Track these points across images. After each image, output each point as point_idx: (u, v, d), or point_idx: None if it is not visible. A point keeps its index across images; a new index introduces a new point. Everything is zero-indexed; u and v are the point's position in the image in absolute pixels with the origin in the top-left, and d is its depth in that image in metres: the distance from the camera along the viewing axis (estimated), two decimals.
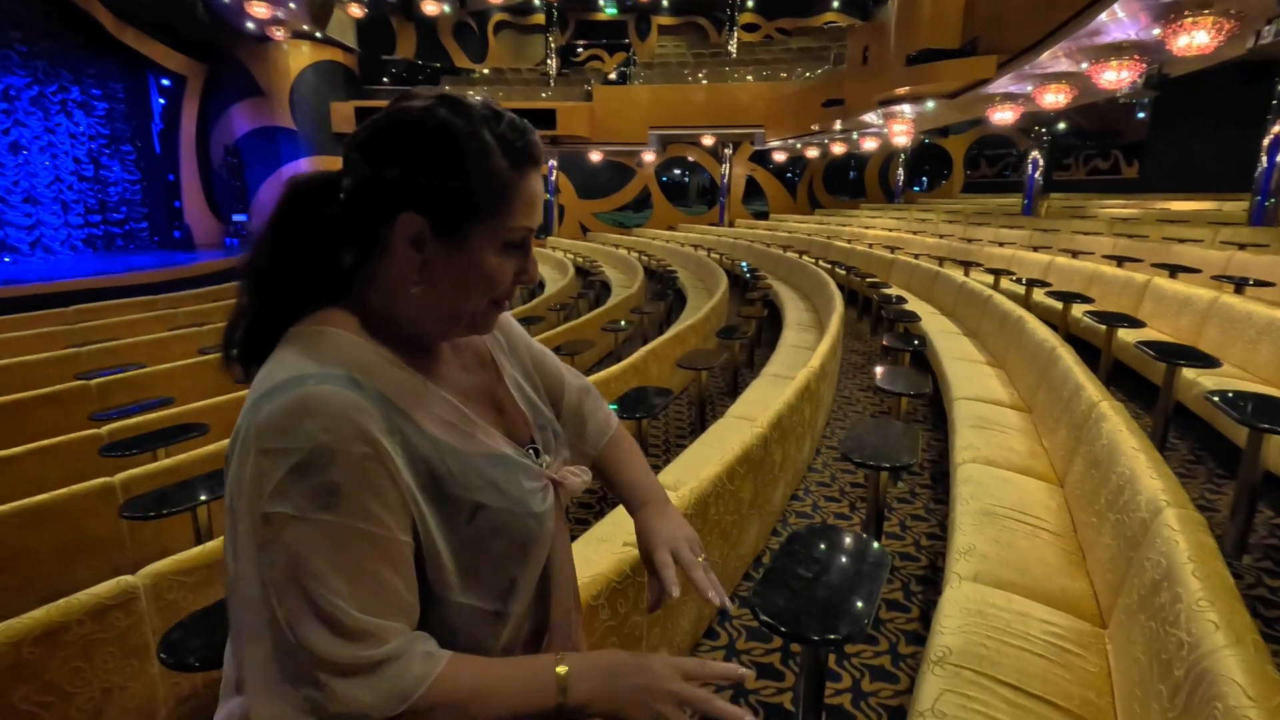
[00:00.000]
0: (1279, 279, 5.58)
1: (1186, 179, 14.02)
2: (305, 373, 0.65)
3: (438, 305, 0.72)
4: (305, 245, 0.72)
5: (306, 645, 0.59)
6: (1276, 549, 2.92)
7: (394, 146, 0.68)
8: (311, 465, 0.61)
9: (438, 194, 0.67)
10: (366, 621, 0.61)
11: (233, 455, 0.65)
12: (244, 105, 18.62)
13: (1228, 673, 1.17)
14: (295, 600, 0.60)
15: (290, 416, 0.62)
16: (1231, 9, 5.78)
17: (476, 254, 0.70)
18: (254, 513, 0.61)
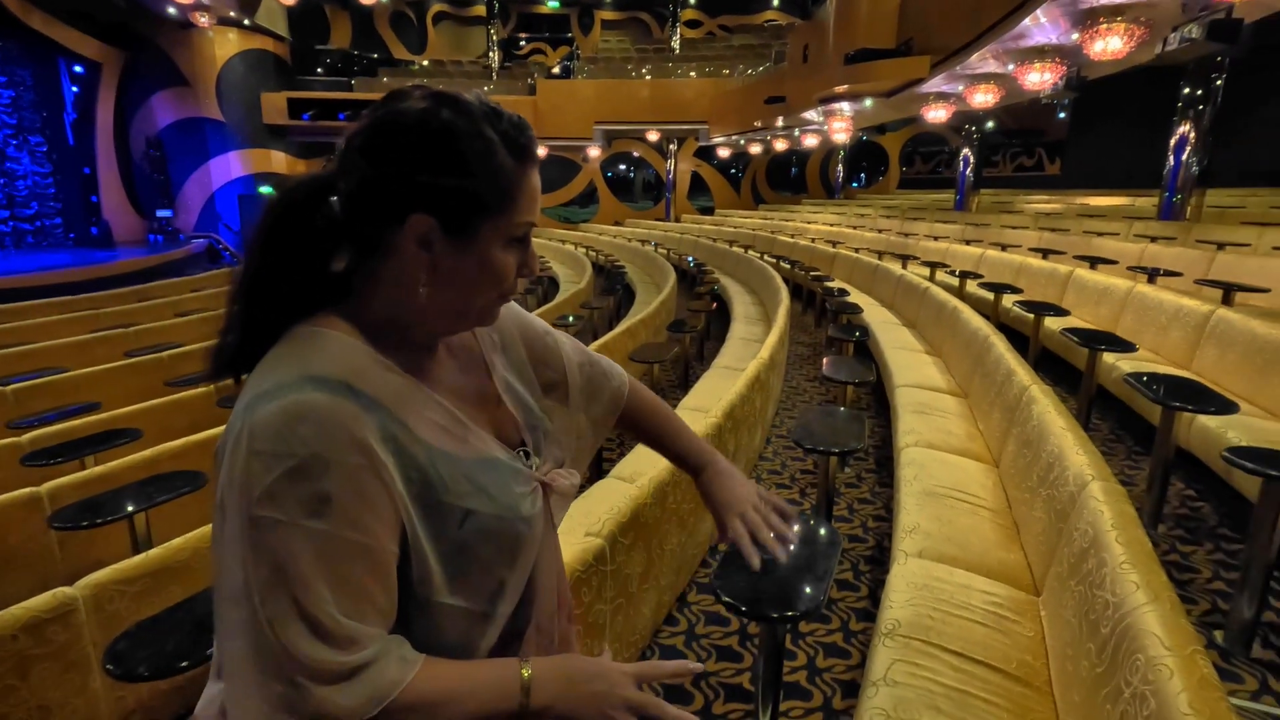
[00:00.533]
0: (1186, 269, 6.00)
1: (1103, 175, 14.87)
2: (303, 377, 0.64)
3: (446, 303, 0.72)
4: (299, 251, 0.71)
5: (287, 646, 0.60)
6: (1187, 518, 3.16)
7: (400, 148, 0.67)
8: (304, 473, 0.61)
9: (447, 194, 0.68)
10: (348, 626, 0.62)
11: (225, 451, 0.65)
12: (166, 95, 17.66)
13: (1148, 627, 1.28)
14: (279, 602, 0.60)
15: (286, 422, 0.61)
16: (1141, 17, 6.17)
17: (485, 251, 0.71)
18: (243, 513, 0.61)
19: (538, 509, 0.79)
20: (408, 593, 0.68)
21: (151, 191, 18.18)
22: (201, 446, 3.36)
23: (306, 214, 0.71)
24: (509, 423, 0.84)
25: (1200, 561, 2.81)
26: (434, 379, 0.76)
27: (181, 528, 2.35)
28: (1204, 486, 3.42)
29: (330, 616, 0.61)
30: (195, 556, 2.20)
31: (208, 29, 16.87)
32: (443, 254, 0.69)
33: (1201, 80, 7.45)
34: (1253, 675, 2.15)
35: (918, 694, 1.59)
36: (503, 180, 0.70)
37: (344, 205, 0.70)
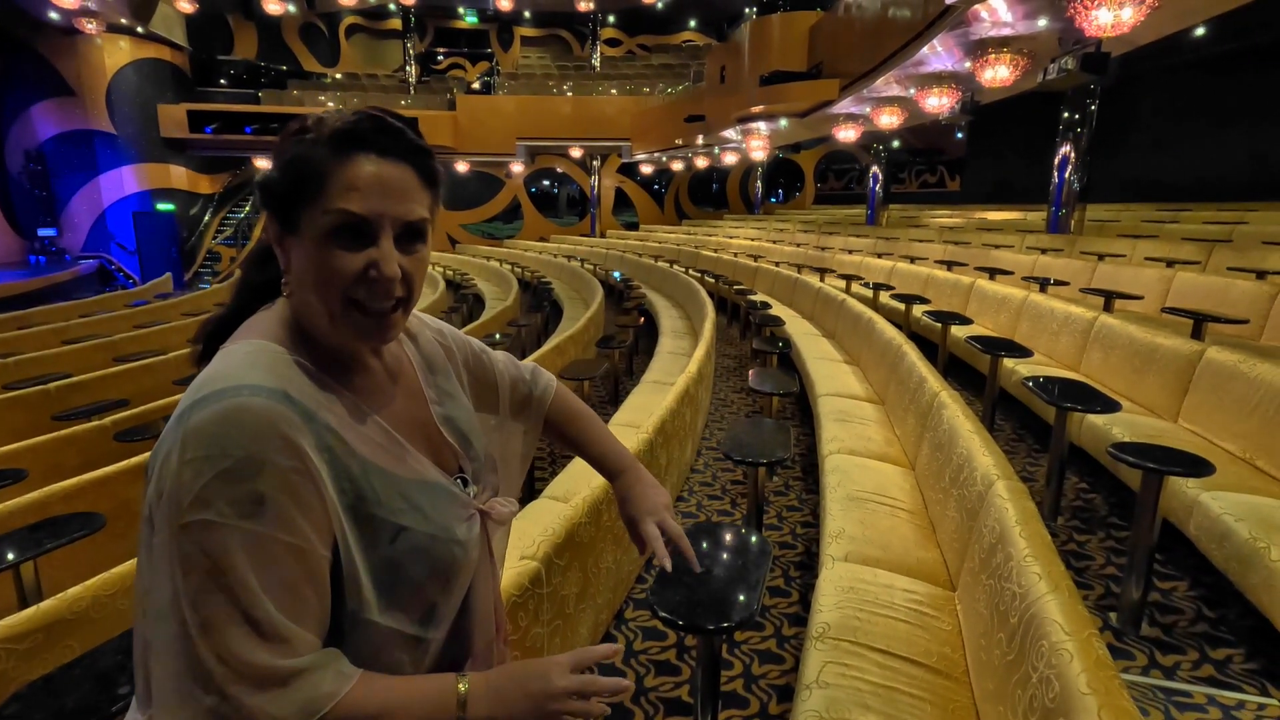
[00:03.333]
0: (1072, 279, 6.53)
1: (998, 191, 16.00)
2: (239, 384, 0.64)
3: (308, 305, 0.71)
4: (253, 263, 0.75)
5: (221, 652, 0.59)
6: (1082, 509, 3.43)
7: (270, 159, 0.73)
8: (238, 474, 0.61)
9: (269, 185, 0.71)
10: (284, 626, 0.62)
11: (155, 463, 0.64)
12: (48, 105, 16.36)
13: (1050, 615, 1.39)
14: (213, 604, 0.59)
15: (220, 425, 0.62)
16: (1024, 49, 6.73)
17: (310, 243, 0.69)
18: (174, 521, 0.60)
19: (474, 535, 0.80)
20: (341, 610, 0.68)
21: (32, 209, 16.77)
22: (97, 485, 3.11)
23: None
24: (447, 451, 0.85)
25: (1094, 549, 3.04)
26: (375, 401, 0.77)
27: (76, 575, 2.17)
28: (1095, 479, 3.72)
29: (267, 614, 0.61)
30: (94, 606, 2.04)
31: (95, 36, 15.77)
32: (289, 250, 0.71)
33: (1078, 106, 8.17)
34: (1142, 652, 2.34)
35: (848, 694, 1.66)
36: (312, 168, 0.69)
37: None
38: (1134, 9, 4.92)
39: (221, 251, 18.99)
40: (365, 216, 0.68)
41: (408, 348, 0.87)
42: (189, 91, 18.15)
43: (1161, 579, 2.77)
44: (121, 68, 16.60)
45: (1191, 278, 5.54)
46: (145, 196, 17.29)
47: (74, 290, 14.43)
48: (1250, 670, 2.24)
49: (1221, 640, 2.40)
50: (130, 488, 3.25)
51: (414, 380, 0.86)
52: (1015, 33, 6.44)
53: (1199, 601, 2.63)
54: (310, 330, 0.73)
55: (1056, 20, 5.97)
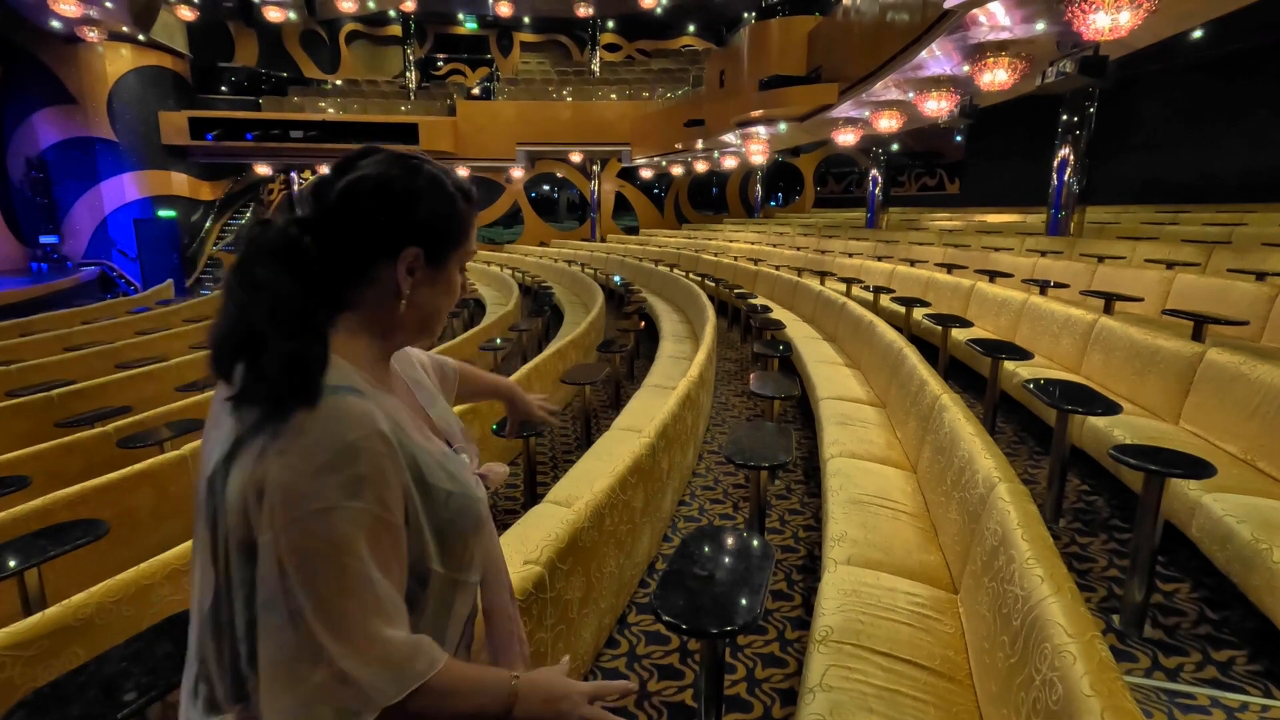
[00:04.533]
0: (1072, 281, 6.54)
1: (998, 194, 16.02)
2: (324, 386, 0.74)
3: (419, 315, 0.88)
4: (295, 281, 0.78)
5: (337, 624, 0.67)
6: (1084, 511, 3.43)
7: (394, 200, 0.83)
8: (340, 462, 0.70)
9: (439, 231, 0.87)
10: (390, 599, 0.72)
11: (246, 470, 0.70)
12: (50, 113, 16.41)
13: (1053, 617, 1.39)
14: (331, 584, 0.68)
15: (316, 421, 0.71)
16: (1022, 53, 6.75)
17: (450, 273, 0.90)
18: (287, 515, 0.68)
19: (484, 493, 0.94)
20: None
21: (34, 216, 16.81)
22: (101, 492, 3.12)
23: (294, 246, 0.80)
24: (437, 431, 0.98)
25: (1097, 551, 3.04)
26: (396, 393, 0.91)
27: (81, 582, 2.18)
28: (1097, 481, 3.72)
29: (377, 588, 0.71)
30: (99, 613, 2.04)
31: (97, 44, 15.84)
32: (421, 277, 0.86)
33: (1077, 109, 8.19)
34: (1145, 654, 2.34)
35: (851, 697, 1.66)
36: (464, 220, 0.90)
37: (329, 245, 0.81)
38: (1131, 12, 4.93)
39: (223, 258, 19.01)
40: (474, 252, 0.94)
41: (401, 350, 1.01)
42: (190, 98, 18.21)
43: (1164, 581, 2.77)
44: (123, 75, 16.66)
45: (1191, 279, 5.55)
46: (147, 203, 17.33)
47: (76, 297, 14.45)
48: (1253, 672, 2.24)
49: (1224, 642, 2.40)
50: (133, 494, 3.26)
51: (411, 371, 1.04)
52: (1013, 36, 6.46)
53: (1202, 603, 2.63)
54: (405, 333, 0.89)
55: (1054, 24, 5.99)
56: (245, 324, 0.75)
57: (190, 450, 3.58)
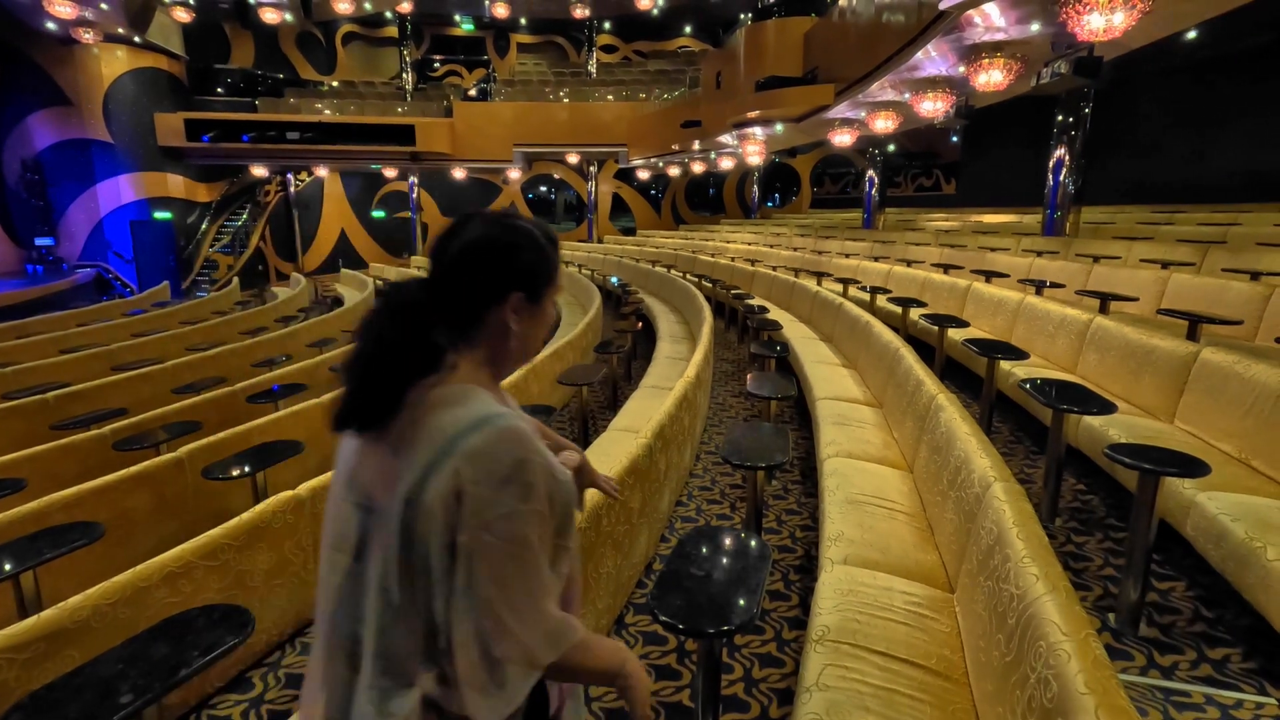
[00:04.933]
0: (1068, 281, 6.55)
1: (994, 194, 16.06)
2: (490, 413, 0.92)
3: (523, 347, 1.06)
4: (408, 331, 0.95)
5: (519, 606, 0.87)
6: (1080, 510, 3.44)
7: (494, 256, 1.00)
8: (515, 474, 0.88)
9: (536, 275, 1.03)
10: (551, 581, 0.94)
11: (433, 483, 0.87)
12: (46, 115, 16.36)
13: (1048, 615, 1.40)
14: (512, 573, 0.87)
15: (495, 443, 0.89)
16: (1017, 53, 6.77)
17: (546, 308, 1.07)
18: (501, 518, 0.87)
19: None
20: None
21: (30, 218, 16.75)
22: (96, 494, 3.12)
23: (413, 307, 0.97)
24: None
25: (1092, 550, 3.05)
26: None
27: (77, 585, 2.18)
28: (1093, 480, 3.73)
29: (546, 574, 0.92)
30: (95, 616, 2.04)
31: (92, 45, 15.80)
32: (525, 315, 1.03)
33: (1072, 109, 8.22)
34: (1141, 652, 2.35)
35: (848, 696, 1.66)
36: (555, 264, 1.07)
37: (452, 294, 0.98)
38: (1125, 14, 4.95)
39: (219, 259, 18.98)
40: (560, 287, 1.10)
41: None
42: (186, 100, 18.17)
43: (1159, 579, 2.78)
44: (118, 77, 16.62)
45: (1186, 279, 5.57)
46: (142, 205, 17.29)
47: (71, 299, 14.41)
48: (1248, 669, 2.25)
49: (1219, 640, 2.41)
50: (129, 497, 3.25)
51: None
52: (1008, 37, 6.47)
53: (1197, 601, 2.64)
54: (514, 362, 1.06)
55: (1049, 25, 6.01)
56: (376, 370, 0.93)
57: (186, 452, 3.58)
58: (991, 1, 5.50)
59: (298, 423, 4.36)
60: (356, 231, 23.00)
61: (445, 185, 22.28)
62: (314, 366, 6.34)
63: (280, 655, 2.64)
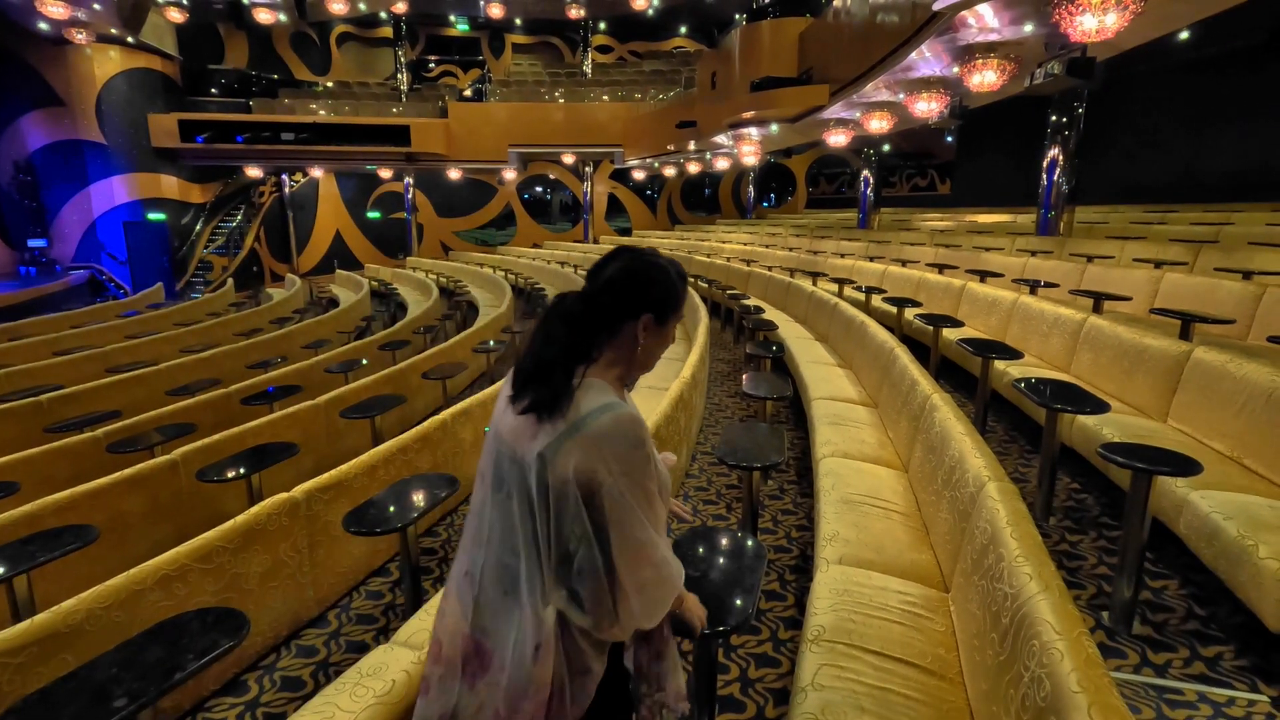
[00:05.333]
0: (1062, 280, 6.58)
1: (988, 194, 16.11)
2: (611, 402, 1.18)
3: (645, 359, 1.31)
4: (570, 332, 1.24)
5: (642, 545, 1.15)
6: (1074, 509, 3.45)
7: (644, 284, 1.26)
8: (636, 448, 1.16)
9: (665, 304, 1.27)
10: (662, 527, 1.21)
11: (560, 459, 1.13)
12: (38, 116, 16.28)
13: (1041, 614, 1.40)
14: (636, 520, 1.14)
15: (619, 424, 1.15)
16: (1011, 54, 6.79)
17: (668, 331, 1.31)
18: (623, 481, 1.13)
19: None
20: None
21: (22, 220, 16.66)
22: (90, 497, 3.10)
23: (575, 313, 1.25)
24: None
25: (1086, 549, 3.07)
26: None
27: (71, 588, 2.17)
28: (1087, 480, 3.75)
29: (659, 521, 1.20)
30: (89, 619, 2.03)
31: (85, 46, 15.72)
32: (651, 333, 1.28)
33: (1066, 109, 8.25)
34: (1134, 650, 2.37)
35: (843, 696, 1.67)
36: (680, 296, 1.31)
37: (600, 308, 1.25)
38: (1118, 14, 4.97)
39: (214, 261, 18.90)
40: (683, 314, 1.36)
41: None
42: (180, 101, 18.09)
43: (1153, 578, 2.79)
44: (111, 78, 16.54)
45: (1179, 278, 5.60)
46: (136, 206, 17.21)
47: (65, 301, 14.34)
48: (1240, 667, 2.26)
49: (1212, 638, 2.42)
50: (123, 499, 3.24)
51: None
52: (1002, 38, 6.49)
53: (1190, 600, 2.65)
54: (637, 369, 1.31)
55: (1042, 25, 6.03)
56: (541, 361, 1.21)
57: (180, 454, 3.56)
58: (985, 2, 5.52)
59: (293, 424, 4.35)
60: (352, 232, 22.94)
61: (441, 186, 22.24)
62: (309, 368, 6.32)
63: (276, 658, 2.64)
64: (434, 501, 2.52)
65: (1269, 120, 10.38)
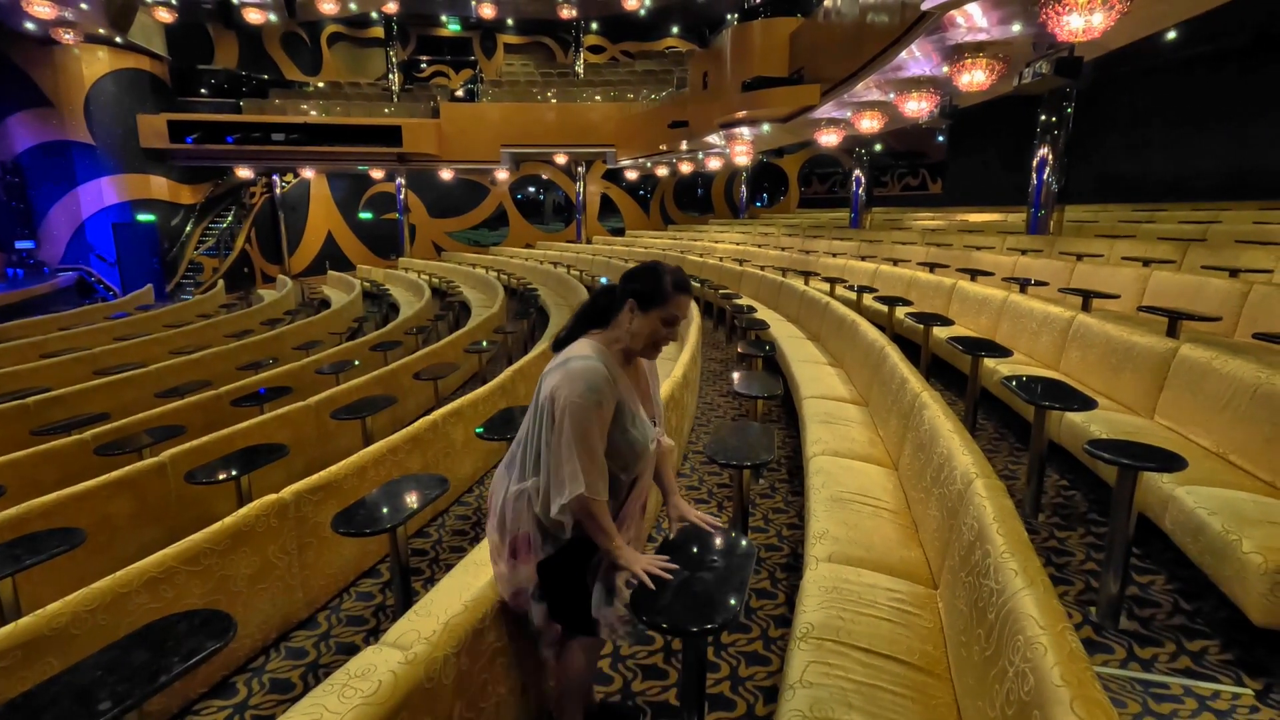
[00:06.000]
0: (1051, 279, 6.62)
1: (979, 194, 16.18)
2: (586, 355, 1.65)
3: (633, 337, 1.71)
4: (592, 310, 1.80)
5: (579, 461, 1.59)
6: (1062, 506, 3.47)
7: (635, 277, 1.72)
8: (592, 391, 1.59)
9: (645, 294, 1.68)
10: (599, 455, 1.63)
11: (550, 381, 1.62)
12: (25, 116, 16.16)
13: (1026, 610, 1.41)
14: (578, 442, 1.58)
15: (586, 371, 1.61)
16: (999, 54, 6.82)
17: (651, 320, 1.69)
18: (569, 402, 1.58)
19: (652, 448, 1.80)
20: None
21: (10, 221, 16.52)
22: (77, 500, 3.08)
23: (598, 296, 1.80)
24: (649, 408, 1.84)
25: (1075, 545, 3.09)
26: (631, 376, 1.77)
27: (57, 591, 2.15)
28: (1075, 476, 3.77)
29: (596, 449, 1.62)
30: (74, 623, 2.02)
31: (73, 46, 15.61)
32: (635, 315, 1.69)
33: (1055, 108, 8.30)
34: (1121, 645, 2.38)
35: (831, 692, 1.67)
36: (665, 294, 1.68)
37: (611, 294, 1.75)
38: (1104, 14, 5.01)
39: (204, 262, 18.80)
40: (678, 316, 1.70)
41: (647, 361, 1.86)
42: (169, 101, 17.98)
43: (1140, 573, 2.81)
44: (100, 78, 16.43)
45: (1167, 276, 5.64)
46: (125, 207, 17.10)
47: (53, 303, 14.24)
48: (1225, 661, 2.28)
49: (1197, 632, 2.44)
50: (111, 502, 3.22)
51: (645, 375, 1.86)
52: (990, 38, 6.53)
53: (1176, 594, 2.67)
54: (625, 344, 1.72)
55: (1030, 26, 6.06)
56: (569, 323, 1.82)
57: (169, 456, 3.54)
58: (973, 2, 5.54)
59: (283, 426, 4.33)
60: (344, 233, 22.85)
61: (433, 186, 22.18)
62: (300, 369, 6.30)
63: (264, 660, 2.62)
64: (424, 502, 2.51)
65: (1256, 119, 10.47)
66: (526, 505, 1.69)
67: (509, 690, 1.91)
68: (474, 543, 3.45)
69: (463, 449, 4.17)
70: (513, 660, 1.90)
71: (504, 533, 1.73)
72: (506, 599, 1.80)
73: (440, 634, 1.65)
